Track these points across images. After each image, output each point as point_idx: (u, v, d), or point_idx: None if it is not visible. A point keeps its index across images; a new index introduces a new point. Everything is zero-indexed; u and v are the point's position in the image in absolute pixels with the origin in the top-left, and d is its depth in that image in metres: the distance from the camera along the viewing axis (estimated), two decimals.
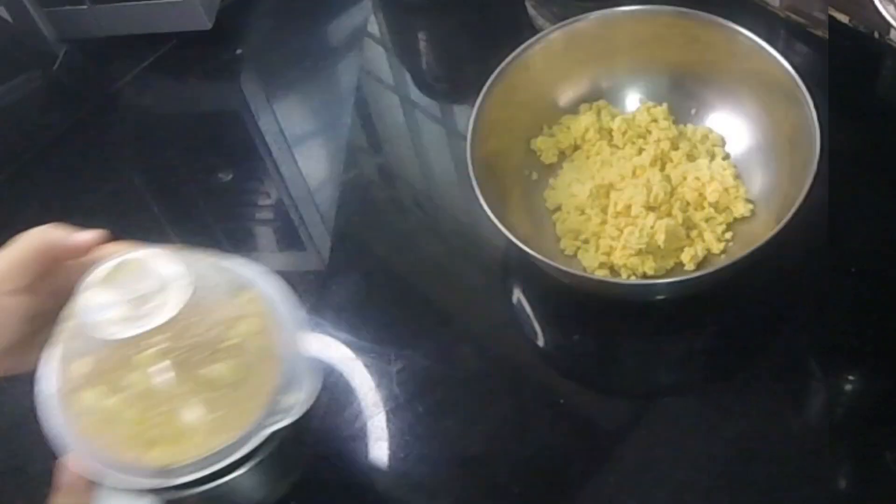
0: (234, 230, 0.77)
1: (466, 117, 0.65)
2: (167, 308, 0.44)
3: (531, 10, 0.80)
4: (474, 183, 0.62)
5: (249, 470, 0.48)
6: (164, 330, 0.44)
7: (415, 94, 0.84)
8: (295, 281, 0.71)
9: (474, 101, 0.65)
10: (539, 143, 0.71)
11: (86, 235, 0.52)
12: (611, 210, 0.66)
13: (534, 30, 0.79)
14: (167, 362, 0.45)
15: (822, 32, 0.73)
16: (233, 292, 0.49)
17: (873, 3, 0.62)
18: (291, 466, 0.55)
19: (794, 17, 0.76)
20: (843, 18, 0.72)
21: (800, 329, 0.64)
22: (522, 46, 0.68)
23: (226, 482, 0.47)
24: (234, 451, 0.46)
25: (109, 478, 0.46)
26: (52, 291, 0.51)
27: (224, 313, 0.47)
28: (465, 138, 0.64)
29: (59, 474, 0.47)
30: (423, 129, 0.82)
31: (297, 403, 0.47)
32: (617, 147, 0.70)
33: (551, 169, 0.71)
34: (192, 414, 0.46)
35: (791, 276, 0.65)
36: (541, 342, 0.67)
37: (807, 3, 0.74)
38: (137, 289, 0.45)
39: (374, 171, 0.81)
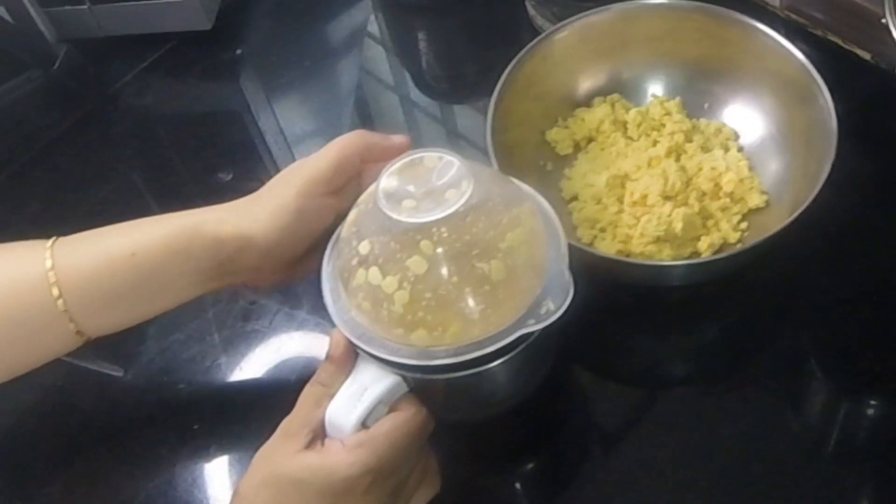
0: None
1: (467, 117, 0.65)
2: (453, 204, 0.47)
3: (531, 10, 0.80)
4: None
5: (494, 367, 0.50)
6: (446, 223, 0.47)
7: (415, 94, 0.84)
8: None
9: (474, 101, 0.66)
10: (554, 134, 0.71)
11: (398, 139, 0.56)
12: (627, 199, 0.66)
13: (534, 30, 0.79)
14: (444, 251, 0.48)
15: (821, 32, 0.73)
16: (511, 202, 0.52)
17: (895, 41, 0.62)
18: (535, 370, 0.57)
19: (793, 16, 0.76)
20: (866, 55, 0.73)
21: (800, 329, 0.64)
22: (539, 38, 0.68)
23: (471, 374, 0.50)
24: (486, 346, 0.49)
25: (370, 349, 0.49)
26: (353, 193, 0.54)
27: (501, 219, 0.50)
28: (465, 138, 0.64)
29: (330, 343, 0.50)
30: (423, 129, 0.82)
31: (550, 313, 0.49)
32: (632, 139, 0.70)
33: (566, 160, 0.71)
34: (457, 304, 0.49)
35: (796, 274, 0.65)
36: None
37: (807, 3, 0.74)
38: (428, 183, 0.48)
39: None
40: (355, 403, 0.49)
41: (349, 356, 0.51)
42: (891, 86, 0.72)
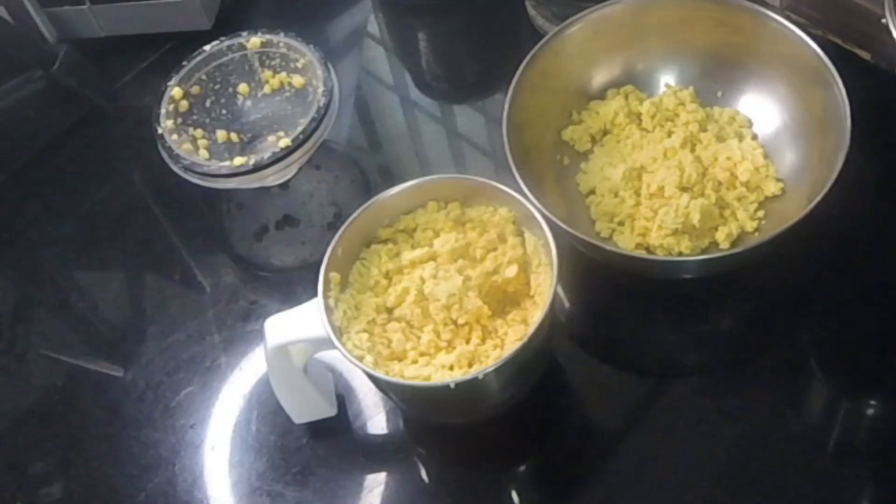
0: (233, 230, 0.77)
1: (467, 117, 0.65)
2: None
3: (531, 10, 0.80)
4: (513, 168, 0.61)
5: (474, 381, 0.51)
6: None
7: (415, 94, 0.84)
8: (295, 281, 0.71)
9: (474, 101, 0.65)
10: (570, 132, 0.71)
11: None
12: (644, 192, 0.66)
13: (534, 30, 0.79)
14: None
15: (821, 32, 0.73)
16: None
17: (895, 41, 0.62)
18: (523, 380, 0.58)
19: (793, 16, 0.76)
20: (866, 55, 0.73)
21: (800, 329, 0.64)
22: (552, 32, 0.68)
23: (446, 387, 0.52)
24: None
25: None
26: None
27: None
28: (465, 138, 0.64)
29: None
30: (423, 129, 0.82)
31: None
32: (647, 130, 0.70)
33: (583, 154, 0.71)
34: None
35: (793, 276, 0.65)
36: None
37: (806, 3, 0.74)
38: None
39: (375, 171, 0.81)
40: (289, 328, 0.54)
41: None
42: (891, 86, 0.72)
